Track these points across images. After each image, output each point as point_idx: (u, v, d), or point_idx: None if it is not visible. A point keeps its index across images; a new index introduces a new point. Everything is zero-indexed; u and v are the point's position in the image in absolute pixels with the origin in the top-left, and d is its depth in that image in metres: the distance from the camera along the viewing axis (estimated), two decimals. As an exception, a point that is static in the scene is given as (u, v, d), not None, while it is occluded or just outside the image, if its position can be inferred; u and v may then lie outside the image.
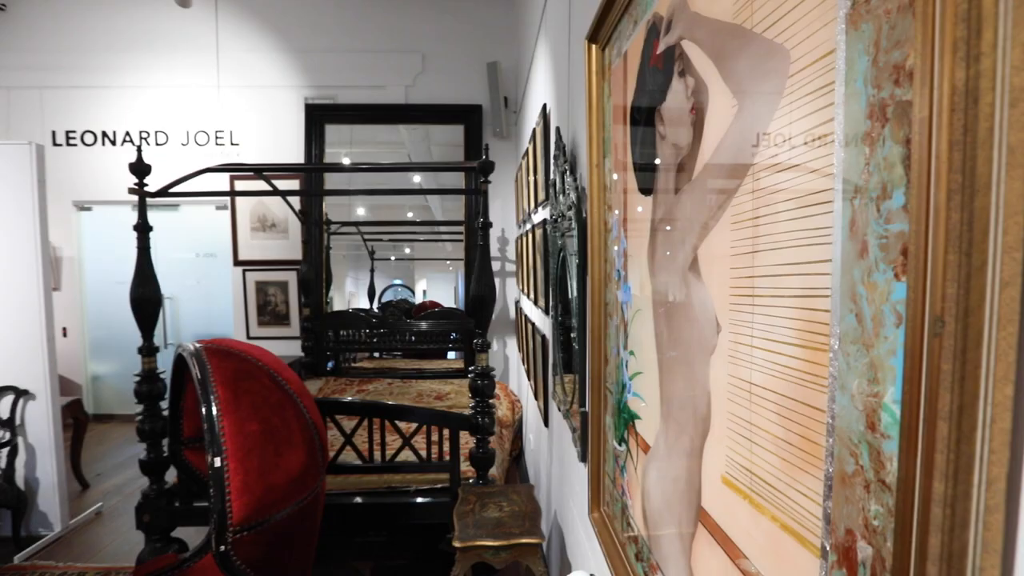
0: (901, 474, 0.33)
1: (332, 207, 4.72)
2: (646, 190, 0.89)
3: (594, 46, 1.20)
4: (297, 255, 4.46)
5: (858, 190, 0.37)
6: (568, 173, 1.55)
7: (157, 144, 4.75)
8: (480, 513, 1.81)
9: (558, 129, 1.78)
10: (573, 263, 1.47)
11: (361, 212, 5.50)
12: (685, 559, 0.72)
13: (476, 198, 4.32)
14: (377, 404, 2.30)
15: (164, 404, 2.39)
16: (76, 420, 3.58)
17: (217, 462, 1.17)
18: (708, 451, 0.64)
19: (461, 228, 4.61)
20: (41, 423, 2.97)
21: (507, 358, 4.53)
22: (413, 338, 4.52)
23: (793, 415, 0.46)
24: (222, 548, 1.15)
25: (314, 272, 4.26)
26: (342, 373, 4.32)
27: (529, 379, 3.07)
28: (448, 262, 5.56)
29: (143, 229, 2.27)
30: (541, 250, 2.39)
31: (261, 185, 3.72)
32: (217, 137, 4.70)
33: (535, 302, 2.70)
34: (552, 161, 1.86)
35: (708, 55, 0.64)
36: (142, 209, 2.28)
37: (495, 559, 1.66)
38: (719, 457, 0.61)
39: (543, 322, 2.48)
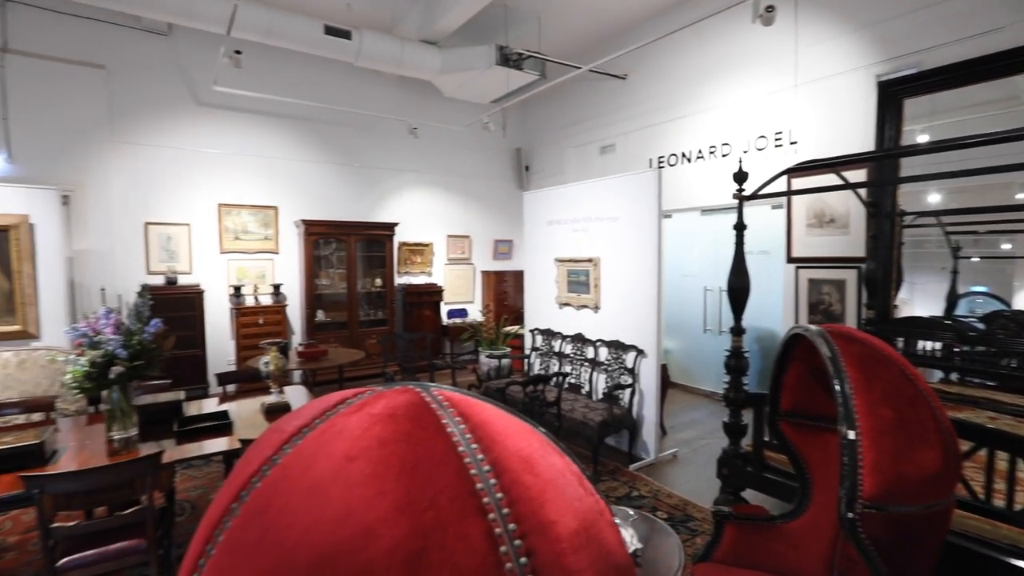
0: None
1: (904, 195, 4.08)
2: None
3: None
4: (857, 252, 4.14)
5: None
6: None
7: (722, 156, 5.49)
8: None
9: None
10: None
11: (935, 199, 4.49)
12: None
13: None
14: (1013, 435, 1.84)
15: (746, 379, 2.76)
16: (663, 380, 4.64)
17: (851, 435, 1.25)
18: None
19: None
20: (649, 376, 4.04)
21: None
22: (1016, 364, 3.36)
23: None
24: (850, 515, 1.23)
25: (882, 270, 3.83)
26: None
27: None
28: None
29: (740, 228, 2.67)
30: None
31: (817, 181, 3.66)
32: (776, 139, 4.95)
33: None
34: None
35: None
36: (740, 211, 2.69)
37: None
38: None
39: None
